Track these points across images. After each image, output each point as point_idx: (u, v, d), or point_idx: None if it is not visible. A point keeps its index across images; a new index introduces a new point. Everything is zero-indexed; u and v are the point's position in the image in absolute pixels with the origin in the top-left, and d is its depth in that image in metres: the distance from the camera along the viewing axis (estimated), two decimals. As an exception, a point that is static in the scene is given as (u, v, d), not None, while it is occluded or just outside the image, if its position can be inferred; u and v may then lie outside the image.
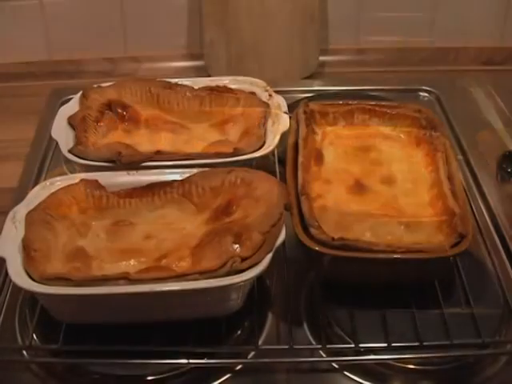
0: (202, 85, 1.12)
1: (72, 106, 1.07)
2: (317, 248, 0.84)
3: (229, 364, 0.85)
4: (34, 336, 0.86)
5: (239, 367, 0.85)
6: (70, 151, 0.98)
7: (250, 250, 0.81)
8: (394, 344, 0.84)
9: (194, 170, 0.94)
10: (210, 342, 0.84)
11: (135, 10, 1.39)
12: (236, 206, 0.89)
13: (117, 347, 0.83)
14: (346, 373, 0.84)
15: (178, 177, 0.93)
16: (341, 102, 1.08)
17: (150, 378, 0.83)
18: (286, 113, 1.05)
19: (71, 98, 1.10)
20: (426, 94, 1.33)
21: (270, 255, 0.81)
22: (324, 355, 0.86)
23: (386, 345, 0.84)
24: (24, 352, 0.86)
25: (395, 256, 0.83)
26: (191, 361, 0.83)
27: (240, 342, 0.87)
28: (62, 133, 1.02)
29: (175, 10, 1.40)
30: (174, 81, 1.12)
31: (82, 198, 0.91)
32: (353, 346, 0.84)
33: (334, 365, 0.85)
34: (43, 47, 1.41)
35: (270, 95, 1.10)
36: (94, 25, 1.40)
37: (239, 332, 0.87)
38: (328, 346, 0.85)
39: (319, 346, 0.85)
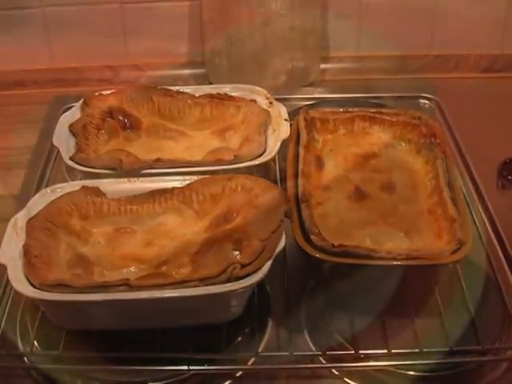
0: (203, 92, 1.13)
1: (73, 114, 1.08)
2: (317, 255, 0.84)
3: (229, 370, 0.85)
4: (35, 342, 0.86)
5: (239, 374, 0.85)
6: (71, 158, 0.98)
7: (249, 256, 0.81)
8: (393, 350, 0.84)
9: (195, 177, 0.94)
10: (210, 348, 0.85)
11: (136, 18, 1.40)
12: (236, 213, 0.89)
13: (117, 353, 0.83)
14: (346, 379, 0.85)
15: (178, 184, 0.94)
16: (341, 110, 1.08)
17: (150, 384, 0.83)
18: (286, 120, 1.06)
19: (73, 106, 1.11)
20: (426, 102, 1.33)
21: (269, 262, 0.81)
22: (324, 362, 0.86)
23: (385, 351, 0.84)
24: (25, 358, 0.86)
25: (395, 263, 0.83)
26: (192, 367, 0.83)
27: (240, 348, 0.87)
28: (63, 140, 1.02)
29: (176, 18, 1.41)
30: (175, 88, 1.13)
31: (83, 205, 0.91)
32: (353, 352, 0.84)
33: (334, 371, 0.85)
34: (45, 55, 1.41)
35: (271, 103, 1.10)
36: (95, 33, 1.40)
37: (239, 338, 0.87)
38: (328, 353, 0.85)
39: (319, 353, 0.86)
